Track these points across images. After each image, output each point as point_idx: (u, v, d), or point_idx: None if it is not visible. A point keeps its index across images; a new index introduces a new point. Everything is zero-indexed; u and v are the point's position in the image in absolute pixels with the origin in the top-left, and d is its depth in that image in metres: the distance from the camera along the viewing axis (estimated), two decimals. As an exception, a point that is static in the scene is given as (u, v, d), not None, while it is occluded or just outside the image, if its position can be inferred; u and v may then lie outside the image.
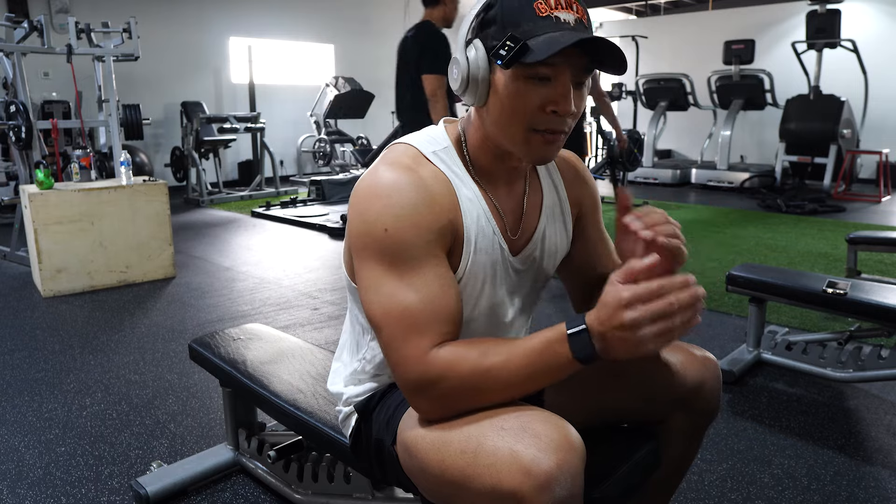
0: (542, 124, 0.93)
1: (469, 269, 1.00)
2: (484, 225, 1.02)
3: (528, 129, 0.94)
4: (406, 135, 1.06)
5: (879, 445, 1.97)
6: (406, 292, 0.91)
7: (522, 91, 0.92)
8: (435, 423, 0.91)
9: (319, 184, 6.84)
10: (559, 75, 0.91)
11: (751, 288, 2.37)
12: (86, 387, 2.42)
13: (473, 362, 0.87)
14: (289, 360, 1.67)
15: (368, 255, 0.94)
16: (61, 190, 3.60)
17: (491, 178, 1.05)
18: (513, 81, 0.92)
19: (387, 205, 0.93)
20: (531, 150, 0.97)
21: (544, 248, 1.11)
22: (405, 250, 0.92)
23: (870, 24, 8.41)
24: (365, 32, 9.88)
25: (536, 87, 0.91)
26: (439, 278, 0.93)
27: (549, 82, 0.91)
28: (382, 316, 0.92)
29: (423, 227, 0.93)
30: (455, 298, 0.94)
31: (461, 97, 0.99)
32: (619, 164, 6.50)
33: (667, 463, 1.17)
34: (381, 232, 0.92)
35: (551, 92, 0.91)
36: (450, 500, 0.90)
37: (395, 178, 0.95)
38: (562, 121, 0.94)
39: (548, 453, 0.79)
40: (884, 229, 5.38)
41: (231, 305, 3.42)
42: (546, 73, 0.90)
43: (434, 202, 0.95)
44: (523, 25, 0.89)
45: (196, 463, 1.79)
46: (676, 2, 11.25)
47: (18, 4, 6.80)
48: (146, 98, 7.24)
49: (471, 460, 0.83)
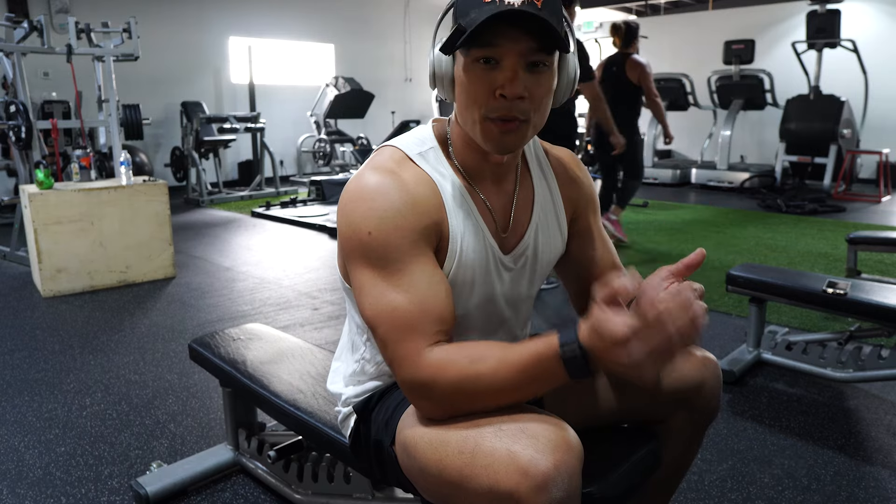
0: (494, 111, 0.93)
1: (457, 267, 1.01)
2: (472, 223, 1.02)
3: (483, 117, 0.95)
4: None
5: (879, 445, 1.97)
6: (394, 293, 0.92)
7: (473, 77, 0.93)
8: (433, 424, 0.91)
9: (319, 184, 6.83)
10: (505, 57, 0.91)
11: (751, 288, 2.37)
12: (86, 387, 2.42)
13: (462, 367, 0.87)
14: (289, 360, 1.67)
15: (356, 257, 0.95)
16: (61, 190, 3.60)
17: (478, 175, 1.05)
18: (465, 69, 0.94)
19: (370, 208, 0.94)
20: (488, 140, 0.97)
21: (537, 246, 1.11)
22: (390, 252, 0.93)
23: (870, 24, 8.41)
24: (365, 32, 9.88)
25: (486, 71, 0.92)
26: (427, 277, 0.93)
27: (498, 65, 0.92)
28: (374, 317, 0.93)
29: (407, 228, 0.94)
30: (444, 297, 0.94)
31: (439, 95, 1.01)
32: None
33: (667, 463, 1.17)
34: (365, 235, 0.93)
35: (498, 75, 0.92)
36: (448, 500, 0.90)
37: (378, 182, 0.96)
38: (511, 106, 0.92)
39: (545, 454, 0.80)
40: (884, 229, 5.38)
41: (231, 305, 3.42)
42: (491, 55, 0.91)
43: (417, 204, 0.96)
44: (470, 14, 0.90)
45: (196, 463, 1.79)
46: (676, 2, 11.24)
47: (18, 4, 6.80)
48: (146, 98, 7.24)
49: (468, 460, 0.84)
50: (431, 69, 0.99)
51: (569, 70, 1.00)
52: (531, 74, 0.92)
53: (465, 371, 0.87)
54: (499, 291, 1.08)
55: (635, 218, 5.89)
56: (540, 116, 0.97)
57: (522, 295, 1.13)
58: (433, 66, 0.98)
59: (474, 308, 1.06)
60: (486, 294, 1.06)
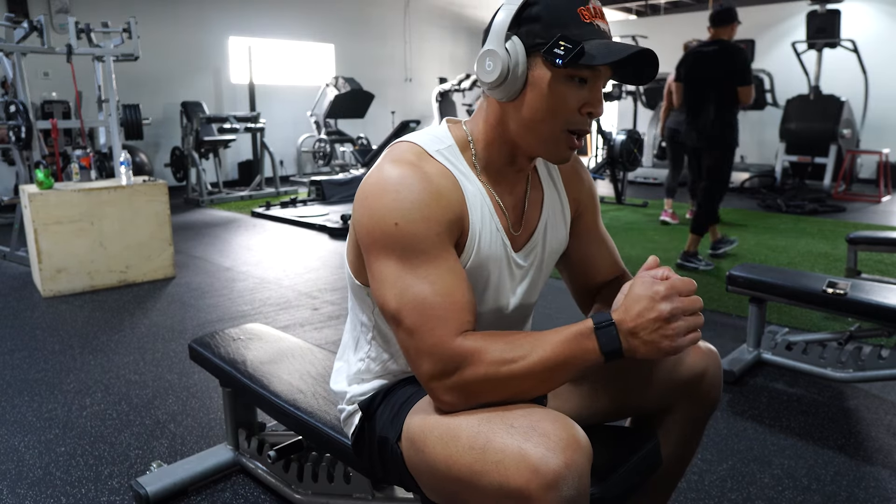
0: (577, 125, 0.97)
1: (473, 263, 1.01)
2: (488, 221, 1.03)
3: (563, 128, 0.97)
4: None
5: (879, 445, 1.97)
6: (421, 284, 0.92)
7: (563, 91, 0.95)
8: (443, 419, 0.92)
9: (319, 184, 6.83)
10: (597, 80, 0.95)
11: (751, 288, 2.37)
12: (86, 387, 2.42)
13: (499, 351, 0.88)
14: (289, 360, 1.67)
15: (379, 249, 0.95)
16: (61, 190, 3.59)
17: (496, 176, 1.06)
18: (555, 80, 0.94)
19: (395, 199, 0.93)
20: (559, 150, 1.00)
21: (545, 245, 1.13)
22: (417, 243, 0.93)
23: (870, 24, 8.41)
24: (365, 32, 9.88)
25: (576, 88, 0.95)
26: (451, 270, 0.94)
27: (586, 84, 0.95)
28: (400, 308, 0.93)
29: (433, 220, 0.94)
30: (468, 290, 0.95)
31: (489, 92, 0.98)
32: (618, 164, 6.50)
33: (667, 458, 1.17)
34: (391, 226, 0.93)
35: (588, 95, 0.95)
36: (454, 497, 0.90)
37: (401, 174, 0.95)
38: (590, 123, 0.99)
39: (556, 452, 0.80)
40: (884, 229, 5.38)
41: (231, 305, 3.42)
42: (587, 75, 0.94)
43: (441, 196, 0.96)
44: (571, 28, 0.92)
45: (196, 463, 1.79)
46: (676, 2, 11.24)
47: (18, 4, 6.80)
48: (146, 98, 7.24)
49: (479, 456, 0.84)
50: (505, 64, 0.94)
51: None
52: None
53: (502, 353, 0.88)
54: (509, 288, 1.09)
55: (635, 218, 5.90)
56: None
57: (529, 293, 1.14)
58: (507, 62, 0.94)
59: (486, 302, 1.07)
60: (497, 289, 1.07)
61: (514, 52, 0.94)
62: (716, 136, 3.88)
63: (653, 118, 8.54)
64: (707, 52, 3.88)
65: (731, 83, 3.76)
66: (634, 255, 4.41)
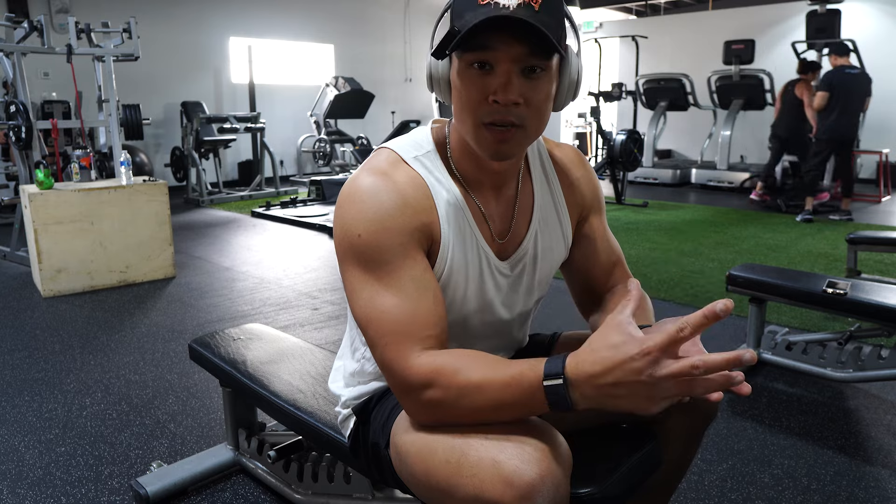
0: (488, 116, 0.91)
1: (447, 272, 1.00)
2: (464, 230, 1.01)
3: (477, 122, 0.93)
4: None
5: (879, 445, 1.97)
6: (383, 296, 0.91)
7: (467, 81, 0.91)
8: (422, 431, 0.90)
9: (319, 184, 6.83)
10: (498, 62, 0.89)
11: (751, 288, 2.37)
12: (86, 387, 2.42)
13: (447, 378, 0.85)
14: (289, 360, 1.67)
15: (347, 259, 0.95)
16: (61, 190, 3.60)
17: (476, 180, 1.03)
18: (459, 73, 0.92)
19: (360, 210, 0.94)
20: (483, 146, 0.95)
21: (536, 254, 1.09)
22: (379, 254, 0.92)
23: (870, 24, 8.41)
24: (365, 32, 9.88)
25: (481, 76, 0.90)
26: (414, 281, 0.92)
27: (493, 70, 0.90)
28: (364, 319, 0.93)
29: (395, 230, 0.93)
30: (434, 300, 0.93)
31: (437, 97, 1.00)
32: (618, 164, 6.50)
33: (667, 463, 1.17)
34: (355, 237, 0.93)
35: (492, 80, 0.89)
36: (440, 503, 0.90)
37: (370, 184, 0.95)
38: (506, 111, 0.90)
39: (530, 464, 0.79)
40: (884, 229, 5.38)
41: (231, 305, 3.42)
42: (485, 59, 0.89)
43: (406, 205, 0.95)
44: (465, 16, 0.88)
45: (196, 463, 1.79)
46: (676, 2, 11.24)
47: (18, 4, 6.80)
48: (146, 98, 7.24)
49: (454, 470, 0.83)
50: (428, 72, 0.98)
51: (571, 73, 0.96)
52: (527, 79, 0.89)
53: (449, 382, 0.85)
54: (495, 298, 1.07)
55: (635, 218, 5.90)
56: (537, 122, 0.94)
57: (522, 301, 1.12)
58: (429, 69, 0.98)
59: (471, 314, 1.05)
60: (481, 300, 1.05)
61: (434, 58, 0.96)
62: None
63: (652, 118, 8.54)
64: (852, 73, 5.75)
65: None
66: (634, 255, 4.41)
